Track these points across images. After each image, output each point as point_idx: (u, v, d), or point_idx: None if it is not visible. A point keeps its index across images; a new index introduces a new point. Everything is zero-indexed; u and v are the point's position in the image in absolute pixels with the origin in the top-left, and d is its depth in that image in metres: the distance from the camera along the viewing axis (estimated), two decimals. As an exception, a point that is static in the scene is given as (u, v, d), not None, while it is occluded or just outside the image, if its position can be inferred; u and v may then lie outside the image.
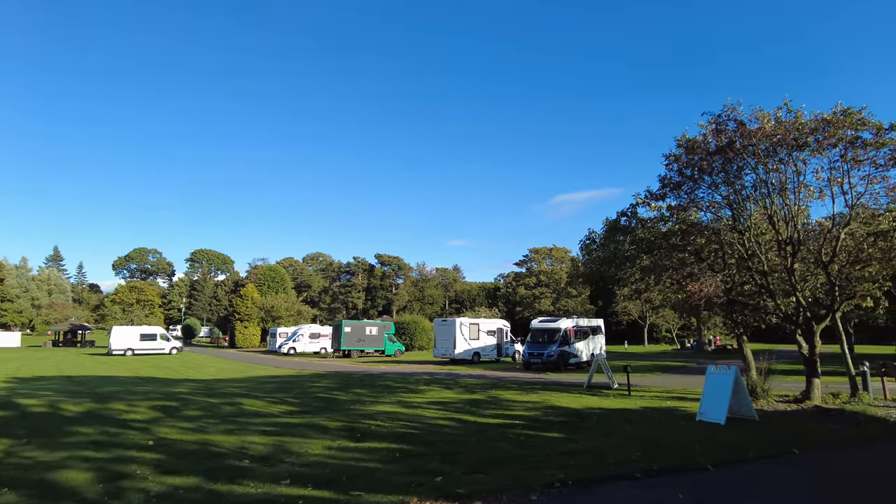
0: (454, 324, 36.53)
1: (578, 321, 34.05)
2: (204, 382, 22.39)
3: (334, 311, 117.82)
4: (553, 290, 78.29)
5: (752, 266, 15.72)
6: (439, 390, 18.83)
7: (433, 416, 13.01)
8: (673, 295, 17.50)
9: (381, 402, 15.61)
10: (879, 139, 14.02)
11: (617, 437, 10.38)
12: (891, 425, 11.56)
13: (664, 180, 16.26)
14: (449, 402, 15.78)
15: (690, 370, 29.84)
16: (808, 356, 14.72)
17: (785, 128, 14.60)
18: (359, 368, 32.49)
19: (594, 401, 16.00)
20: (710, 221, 16.57)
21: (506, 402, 15.62)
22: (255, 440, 9.72)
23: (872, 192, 14.80)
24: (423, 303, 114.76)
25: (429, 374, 26.49)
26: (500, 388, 19.41)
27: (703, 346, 53.33)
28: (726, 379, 11.93)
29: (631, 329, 70.33)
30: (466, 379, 23.73)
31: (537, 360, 30.40)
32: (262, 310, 75.60)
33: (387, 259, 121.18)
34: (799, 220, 15.22)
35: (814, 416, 12.40)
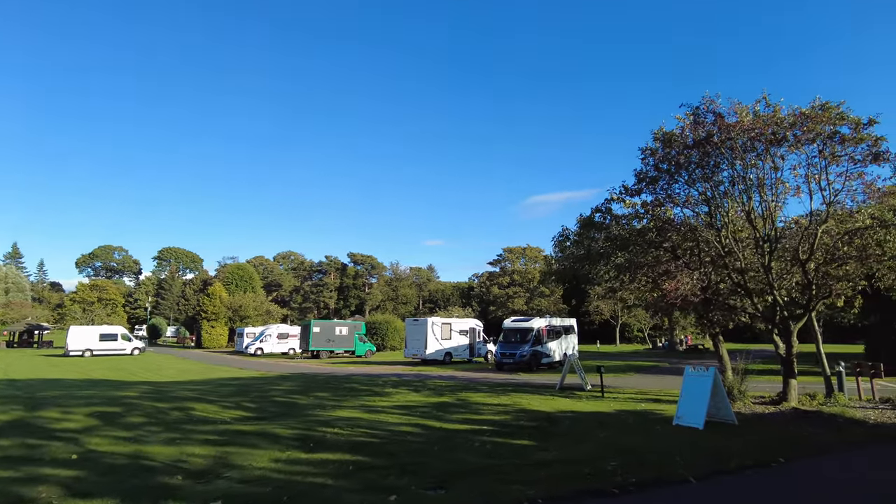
0: (426, 323, 35.72)
1: (551, 321, 33.56)
2: (158, 385, 21.16)
3: (305, 311, 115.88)
4: (526, 289, 78.04)
5: (728, 264, 15.27)
6: (406, 393, 18.00)
7: (396, 421, 12.18)
8: (648, 294, 16.96)
9: (342, 406, 14.72)
10: (858, 134, 13.67)
11: (591, 444, 9.70)
12: (871, 428, 11.14)
13: (640, 175, 15.71)
14: (415, 406, 14.98)
15: (663, 370, 29.56)
16: (785, 356, 14.31)
17: (763, 122, 14.17)
18: (326, 370, 31.45)
19: (567, 403, 15.36)
20: (686, 218, 16.07)
21: (475, 406, 14.88)
22: (196, 451, 8.77)
23: (850, 189, 14.48)
24: (396, 302, 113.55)
25: (397, 376, 25.63)
26: (470, 391, 18.67)
27: (675, 345, 53.50)
28: (705, 381, 11.38)
29: (603, 328, 70.39)
30: (436, 380, 22.94)
31: (509, 361, 29.79)
32: (229, 309, 73.68)
33: (360, 258, 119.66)
34: (776, 217, 14.81)
35: (793, 419, 11.93)
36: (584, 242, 16.50)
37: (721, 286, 16.39)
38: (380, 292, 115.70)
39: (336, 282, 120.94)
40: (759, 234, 14.70)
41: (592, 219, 16.36)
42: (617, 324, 67.82)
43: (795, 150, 14.51)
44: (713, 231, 15.40)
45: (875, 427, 11.14)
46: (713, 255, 15.51)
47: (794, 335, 14.32)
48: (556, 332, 33.30)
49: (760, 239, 14.67)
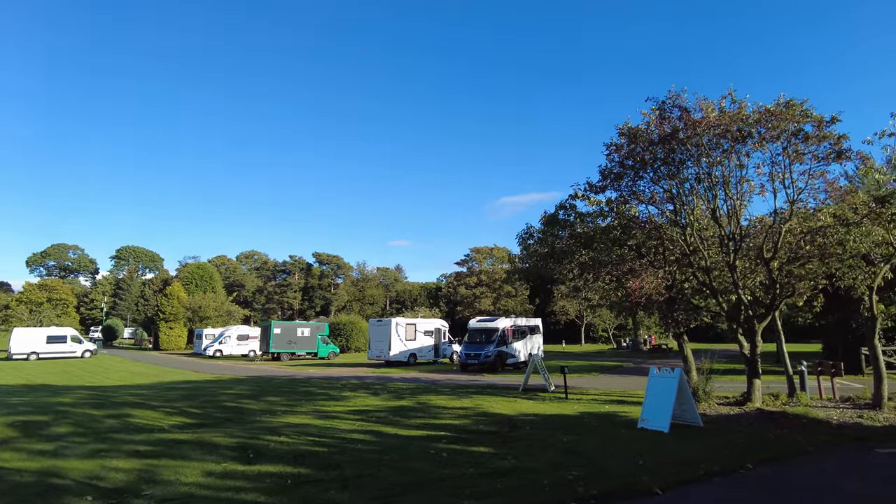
0: (389, 324, 34.93)
1: (517, 321, 33.20)
2: (102, 390, 19.92)
3: (269, 312, 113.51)
4: (493, 289, 77.77)
5: (693, 263, 15.01)
6: (364, 397, 17.26)
7: (349, 428, 11.46)
8: (612, 293, 16.60)
9: (294, 412, 13.93)
10: (820, 132, 13.54)
11: (552, 450, 9.17)
12: (834, 429, 10.92)
13: (604, 171, 15.32)
14: (372, 410, 14.27)
15: (627, 370, 29.46)
16: (750, 356, 14.10)
17: (729, 118, 13.94)
18: (284, 372, 30.40)
19: (529, 405, 14.87)
20: (651, 216, 15.77)
21: (434, 410, 14.26)
22: (120, 465, 7.91)
23: (812, 188, 14.37)
24: (363, 303, 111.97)
25: (358, 379, 24.83)
26: (432, 393, 18.04)
27: (639, 345, 53.91)
28: (670, 383, 10.99)
29: (569, 328, 70.70)
30: (397, 383, 22.23)
31: (474, 361, 29.30)
32: (188, 310, 71.57)
33: (325, 258, 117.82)
34: (741, 216, 14.61)
35: (758, 421, 11.65)
36: (547, 240, 16.05)
37: (686, 285, 16.15)
38: (346, 293, 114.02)
39: (301, 282, 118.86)
40: (724, 233, 14.47)
41: (556, 216, 15.93)
42: (582, 324, 68.15)
43: (760, 149, 14.35)
44: (678, 229, 15.13)
45: (839, 428, 10.93)
46: (678, 253, 15.24)
47: (758, 335, 14.12)
48: (522, 332, 32.95)
49: (725, 237, 14.44)
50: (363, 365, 36.20)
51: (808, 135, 13.62)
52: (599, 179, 15.60)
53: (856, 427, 11.05)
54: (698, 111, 14.32)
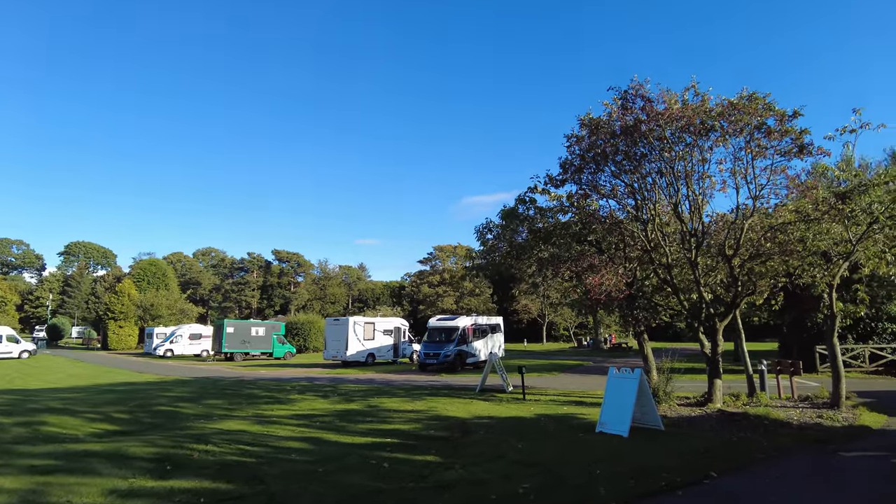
0: (347, 323, 33.83)
1: (477, 319, 32.59)
2: (24, 394, 18.35)
3: (226, 311, 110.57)
4: (456, 288, 77.22)
5: (655, 259, 14.58)
6: (313, 399, 16.28)
7: (287, 435, 10.53)
8: (572, 289, 15.99)
9: (233, 416, 12.91)
10: (783, 127, 13.25)
11: (504, 459, 8.46)
12: (796, 430, 10.54)
13: (565, 164, 14.76)
14: (318, 414, 13.34)
15: (588, 369, 29.14)
16: (711, 355, 13.72)
17: (692, 110, 13.53)
18: (235, 373, 29.03)
19: (485, 407, 14.17)
20: (612, 211, 15.29)
21: (385, 413, 13.41)
22: (4, 485, 6.82)
23: (774, 184, 14.10)
24: (324, 302, 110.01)
25: (309, 380, 23.75)
26: (385, 395, 17.17)
27: (599, 344, 54.07)
28: (630, 384, 10.42)
29: (531, 327, 70.68)
30: (350, 384, 21.26)
31: (433, 361, 28.52)
32: (140, 308, 68.67)
33: (285, 255, 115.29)
34: (703, 211, 14.23)
35: (720, 423, 11.20)
36: (506, 235, 15.38)
37: (647, 283, 15.74)
38: (306, 291, 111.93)
39: (259, 280, 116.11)
40: (686, 228, 14.07)
41: (516, 210, 15.29)
42: (544, 322, 68.19)
43: (722, 144, 14.01)
44: (639, 225, 14.68)
45: (801, 430, 10.55)
46: (639, 249, 14.80)
47: (719, 333, 13.76)
48: (483, 331, 32.35)
49: (687, 233, 14.04)
50: (319, 366, 34.99)
51: (771, 129, 13.32)
52: (560, 172, 15.05)
53: (817, 428, 10.70)
54: (661, 103, 13.89)
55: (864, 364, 22.46)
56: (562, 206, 16.12)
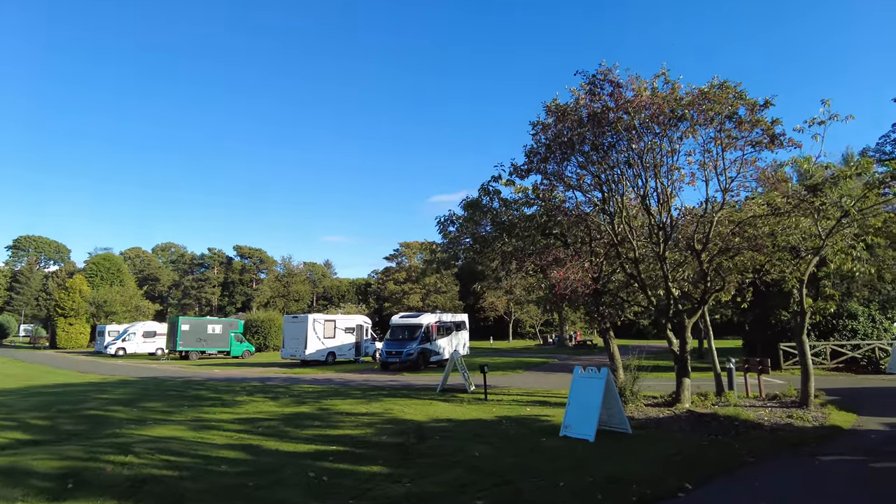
0: (306, 321, 32.62)
1: (442, 316, 31.82)
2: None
3: (186, 308, 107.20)
4: (423, 285, 76.28)
5: (622, 253, 14.00)
6: (261, 401, 15.23)
7: (223, 442, 9.52)
8: (536, 284, 15.28)
9: (168, 421, 11.80)
10: (753, 117, 12.80)
11: (460, 468, 7.65)
12: (769, 432, 10.03)
13: (530, 152, 14.05)
14: (263, 418, 12.33)
15: (552, 367, 28.69)
16: (679, 353, 13.21)
17: (662, 99, 12.97)
18: (186, 373, 27.58)
19: (445, 409, 13.37)
20: (578, 203, 14.67)
21: (336, 417, 12.48)
22: None
23: (744, 176, 13.68)
24: (287, 299, 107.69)
25: (263, 380, 22.56)
26: (340, 396, 16.22)
27: (565, 341, 53.93)
28: (596, 384, 9.74)
29: (497, 324, 70.26)
30: (305, 385, 20.20)
31: (395, 360, 27.61)
32: (92, 304, 65.73)
33: (247, 251, 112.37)
34: (671, 204, 13.70)
35: (690, 425, 10.64)
36: (469, 227, 14.59)
37: (613, 278, 15.18)
38: (269, 288, 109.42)
39: (220, 277, 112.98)
40: (655, 221, 13.52)
41: (479, 201, 14.51)
42: (510, 320, 67.87)
43: (692, 135, 13.52)
44: (606, 217, 14.08)
45: (773, 431, 10.04)
46: (606, 242, 14.20)
47: (688, 330, 13.26)
48: (447, 329, 31.58)
49: (655, 226, 13.49)
50: (277, 365, 33.70)
51: (742, 119, 12.86)
52: (525, 162, 14.33)
53: (789, 430, 10.22)
54: (630, 90, 13.30)
55: (826, 361, 22.48)
56: (527, 199, 15.44)
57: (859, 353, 22.26)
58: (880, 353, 22.24)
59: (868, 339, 22.72)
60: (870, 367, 22.17)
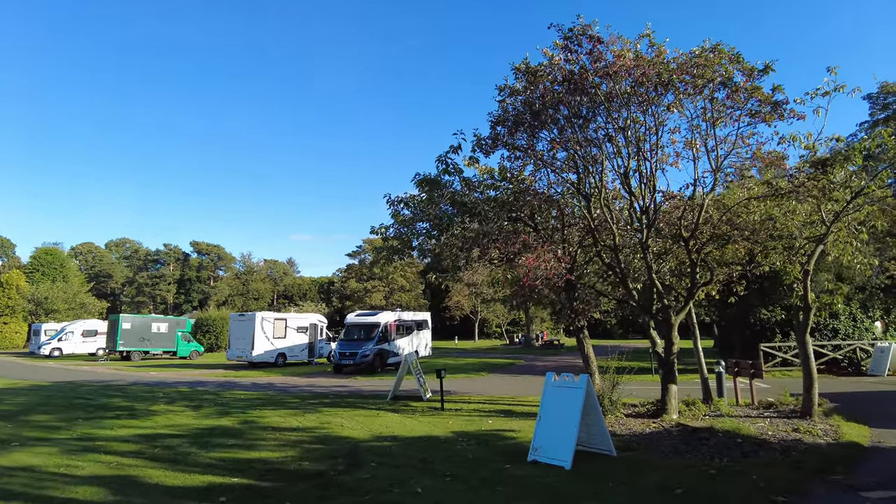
0: (254, 319, 30.05)
1: (402, 315, 29.71)
2: None
3: (140, 306, 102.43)
4: (386, 283, 73.88)
5: (599, 240, 12.14)
6: (179, 412, 12.90)
7: (91, 473, 7.26)
8: (502, 276, 13.23)
9: (43, 441, 9.45)
10: (752, 83, 11.10)
11: (393, 515, 5.60)
12: (780, 453, 8.21)
13: (497, 120, 12.08)
14: (168, 435, 10.06)
15: (519, 369, 26.86)
16: (664, 356, 11.41)
17: (647, 62, 11.17)
18: (115, 376, 24.78)
19: (392, 422, 11.29)
20: (550, 183, 12.79)
21: (258, 434, 10.28)
22: None
23: (738, 155, 12.00)
24: (247, 297, 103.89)
25: (195, 384, 20.05)
26: (273, 406, 13.97)
27: (531, 341, 52.35)
28: (573, 396, 7.79)
29: (464, 324, 68.38)
30: (239, 391, 17.80)
31: (350, 362, 25.36)
32: (31, 302, 61.43)
33: (205, 247, 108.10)
34: (655, 184, 11.88)
35: (684, 443, 8.79)
36: (427, 209, 12.46)
37: (589, 269, 13.37)
38: (227, 286, 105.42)
39: (176, 273, 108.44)
40: (638, 204, 11.71)
41: (438, 179, 12.45)
42: (476, 319, 66.06)
43: (676, 110, 11.78)
44: (581, 200, 12.20)
45: (786, 452, 8.24)
46: (581, 227, 12.36)
47: (675, 329, 11.48)
48: (408, 328, 29.49)
49: (639, 210, 11.68)
50: (222, 367, 31.02)
51: (737, 86, 11.14)
52: (489, 134, 12.35)
53: (802, 449, 8.46)
54: (610, 53, 11.44)
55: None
56: (493, 181, 13.50)
57: (840, 354, 21.02)
58: (861, 353, 21.09)
59: (850, 339, 21.52)
60: (850, 368, 20.99)
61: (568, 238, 13.08)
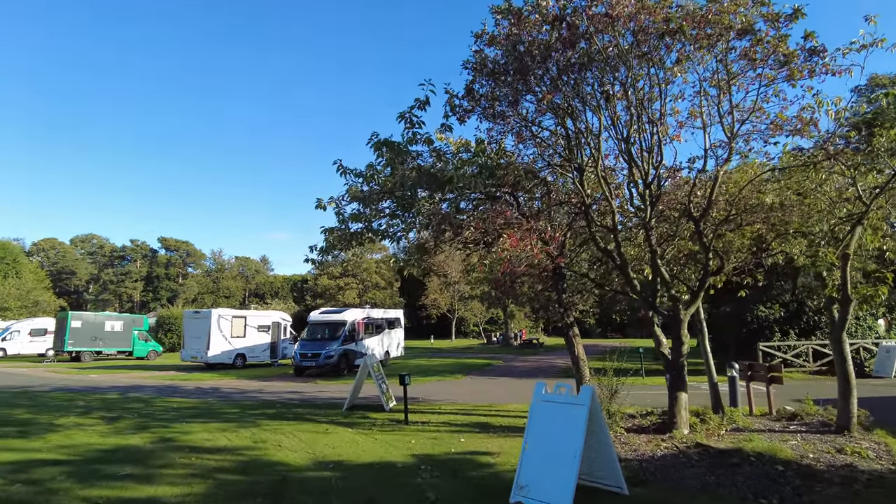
0: (209, 317, 27.53)
1: (371, 312, 27.49)
2: None
3: (105, 304, 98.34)
4: (360, 280, 71.38)
5: (593, 221, 10.14)
6: (89, 426, 10.58)
7: None
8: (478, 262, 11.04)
9: None
10: (778, 32, 9.21)
11: None
12: (841, 487, 6.32)
13: (475, 66, 10.01)
14: (51, 461, 7.81)
15: (497, 370, 24.85)
16: (672, 358, 9.47)
17: (652, 6, 9.22)
18: (46, 379, 22.08)
19: (342, 441, 9.16)
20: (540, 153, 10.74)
21: (168, 457, 8.06)
22: None
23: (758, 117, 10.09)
24: (217, 295, 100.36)
25: (125, 390, 17.55)
26: (205, 418, 11.70)
27: (510, 340, 50.50)
28: (574, 416, 5.73)
29: (441, 323, 66.24)
30: (175, 399, 15.40)
31: (311, 363, 23.10)
32: (-24, 300, 57.66)
33: (173, 244, 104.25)
34: (661, 151, 9.91)
35: (711, 471, 6.80)
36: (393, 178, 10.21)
37: (581, 254, 11.41)
38: (197, 284, 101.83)
39: (143, 270, 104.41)
40: (641, 176, 9.74)
41: (404, 148, 10.23)
42: (454, 318, 63.98)
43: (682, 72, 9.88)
44: (574, 172, 10.16)
45: (847, 486, 6.32)
46: (575, 203, 10.36)
47: (684, 326, 9.53)
48: (378, 327, 27.30)
49: (644, 182, 9.70)
50: (176, 368, 28.43)
51: (760, 36, 9.25)
52: (464, 93, 10.26)
53: (859, 478, 6.56)
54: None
55: (808, 362, 19.61)
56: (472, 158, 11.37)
57: (843, 354, 19.42)
58: (864, 353, 19.57)
59: (853, 337, 19.97)
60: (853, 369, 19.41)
61: (556, 221, 11.09)
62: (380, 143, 9.47)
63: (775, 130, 9.97)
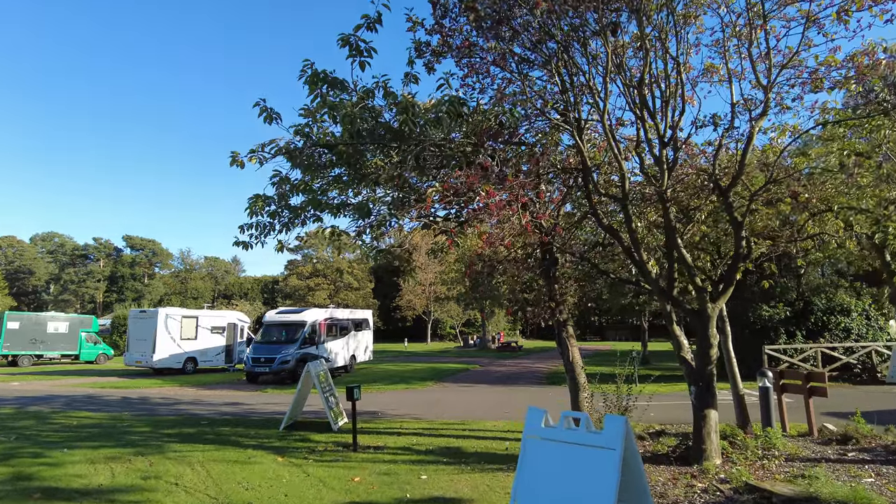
0: (156, 316, 24.78)
1: (335, 312, 24.98)
2: None
3: (64, 305, 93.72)
4: (332, 280, 68.51)
5: (595, 190, 7.92)
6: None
7: None
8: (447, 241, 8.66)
9: None
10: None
11: None
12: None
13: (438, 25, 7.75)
14: None
15: (473, 376, 22.57)
16: (698, 366, 7.29)
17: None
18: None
19: (264, 478, 6.77)
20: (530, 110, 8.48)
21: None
22: None
23: (798, 65, 7.98)
24: (184, 297, 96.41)
25: (28, 402, 14.70)
26: (101, 439, 9.18)
27: (487, 343, 48.32)
28: (598, 463, 3.44)
29: (417, 325, 63.76)
30: (84, 412, 12.74)
31: (265, 369, 20.55)
32: (-80, 301, 53.71)
33: (139, 242, 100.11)
34: (684, 98, 7.75)
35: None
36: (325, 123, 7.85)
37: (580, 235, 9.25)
38: (163, 284, 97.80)
39: (107, 270, 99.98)
40: (659, 133, 7.56)
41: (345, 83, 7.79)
42: (429, 320, 61.56)
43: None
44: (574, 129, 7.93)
45: None
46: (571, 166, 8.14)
47: (712, 324, 7.37)
48: (342, 329, 24.80)
49: (661, 142, 7.53)
50: (118, 374, 25.55)
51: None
52: (433, 25, 7.97)
53: None
54: None
55: (818, 367, 17.71)
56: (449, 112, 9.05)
57: (854, 358, 17.61)
58: (876, 357, 17.77)
59: (863, 340, 18.17)
60: (865, 374, 17.63)
61: (548, 192, 8.88)
62: (315, 76, 7.06)
63: (818, 82, 7.87)
